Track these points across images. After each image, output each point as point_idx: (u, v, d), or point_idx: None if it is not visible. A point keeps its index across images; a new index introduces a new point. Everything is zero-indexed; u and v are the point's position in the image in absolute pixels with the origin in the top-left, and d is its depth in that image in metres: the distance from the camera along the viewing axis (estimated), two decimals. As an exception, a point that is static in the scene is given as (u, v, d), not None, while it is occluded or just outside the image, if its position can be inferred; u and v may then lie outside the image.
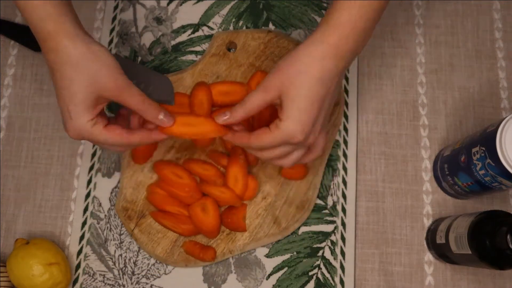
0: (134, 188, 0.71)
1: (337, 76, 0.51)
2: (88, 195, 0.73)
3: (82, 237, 0.71)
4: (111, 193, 0.72)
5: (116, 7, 0.81)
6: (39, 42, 0.51)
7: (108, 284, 0.69)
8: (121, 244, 0.71)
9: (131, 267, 0.70)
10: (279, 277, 0.69)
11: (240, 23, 0.79)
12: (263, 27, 0.79)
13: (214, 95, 0.72)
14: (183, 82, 0.74)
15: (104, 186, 0.73)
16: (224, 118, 0.55)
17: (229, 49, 0.77)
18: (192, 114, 0.70)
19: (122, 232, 0.71)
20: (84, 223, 0.72)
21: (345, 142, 0.74)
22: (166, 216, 0.69)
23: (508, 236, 0.55)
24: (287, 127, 0.51)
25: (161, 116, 0.55)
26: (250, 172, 0.70)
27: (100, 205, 0.72)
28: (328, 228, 0.71)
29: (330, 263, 0.70)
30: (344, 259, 0.70)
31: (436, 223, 0.69)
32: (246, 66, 0.75)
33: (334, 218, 0.71)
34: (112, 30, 0.79)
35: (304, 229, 0.71)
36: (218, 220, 0.68)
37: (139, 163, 0.71)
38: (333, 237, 0.71)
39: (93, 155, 0.74)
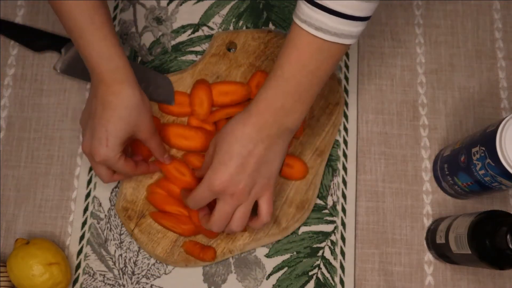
0: (134, 188, 0.71)
1: (261, 142, 0.58)
2: (88, 195, 0.73)
3: (82, 237, 0.71)
4: (111, 193, 0.72)
5: (116, 7, 0.81)
6: (99, 84, 0.60)
7: (108, 284, 0.69)
8: (121, 244, 0.71)
9: (131, 267, 0.70)
10: (279, 277, 0.69)
11: (240, 23, 0.79)
12: (263, 27, 0.79)
13: (214, 95, 0.72)
14: (183, 82, 0.74)
15: (104, 186, 0.73)
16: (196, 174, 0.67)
17: (229, 49, 0.77)
18: (187, 126, 0.72)
19: (122, 232, 0.71)
20: (84, 223, 0.72)
21: (345, 142, 0.74)
22: (166, 216, 0.69)
23: (508, 236, 0.55)
24: (207, 175, 0.59)
25: (165, 156, 0.68)
26: None
27: (100, 205, 0.72)
28: (328, 228, 0.71)
29: (330, 263, 0.70)
30: (344, 259, 0.70)
31: (436, 223, 0.69)
32: (246, 66, 0.75)
33: (334, 218, 0.71)
34: (112, 30, 0.79)
35: (304, 229, 0.71)
36: None
37: None
38: (333, 237, 0.71)
39: (93, 155, 0.74)
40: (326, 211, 0.72)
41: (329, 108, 0.74)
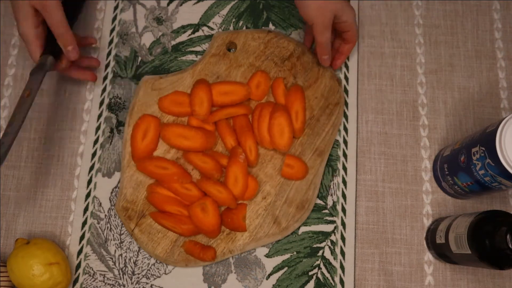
0: (134, 188, 0.71)
1: None
2: (88, 195, 0.73)
3: (82, 237, 0.71)
4: (111, 193, 0.73)
5: (116, 7, 0.81)
6: None
7: (108, 284, 0.69)
8: (121, 244, 0.71)
9: (131, 267, 0.70)
10: (279, 277, 0.69)
11: (240, 23, 0.79)
12: (263, 27, 0.79)
13: (214, 95, 0.72)
14: (183, 82, 0.74)
15: (104, 186, 0.73)
16: (327, 60, 0.72)
17: (229, 49, 0.77)
18: (187, 126, 0.72)
19: (122, 232, 0.71)
20: (84, 223, 0.72)
21: (345, 142, 0.74)
22: (166, 216, 0.69)
23: (508, 236, 0.55)
24: (351, 13, 0.70)
25: (69, 48, 0.65)
26: (250, 173, 0.70)
27: (100, 205, 0.72)
28: (328, 228, 0.71)
29: (330, 263, 0.70)
30: (344, 259, 0.70)
31: (436, 223, 0.69)
32: (246, 66, 0.75)
33: (334, 218, 0.71)
34: (112, 30, 0.80)
35: (304, 229, 0.71)
36: (218, 220, 0.68)
37: None
38: (333, 237, 0.71)
39: (93, 155, 0.74)
40: (326, 211, 0.72)
41: (329, 108, 0.74)
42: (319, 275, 0.69)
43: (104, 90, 0.77)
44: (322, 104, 0.74)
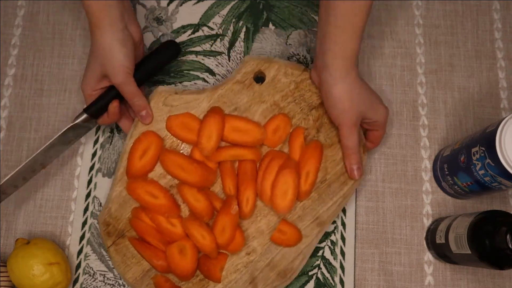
0: (120, 204, 0.67)
1: None
2: (88, 195, 0.73)
3: (82, 237, 0.71)
4: (111, 193, 0.72)
5: (116, 7, 0.80)
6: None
7: (108, 284, 0.69)
8: (121, 244, 0.71)
9: (131, 267, 0.70)
10: (279, 277, 0.69)
11: (240, 23, 0.79)
12: (263, 27, 0.79)
13: (226, 130, 0.67)
14: (198, 104, 0.68)
15: (104, 186, 0.73)
16: (357, 171, 0.66)
17: (256, 79, 0.70)
18: (190, 159, 0.67)
19: (122, 232, 0.71)
20: (84, 223, 0.72)
21: (345, 142, 0.74)
22: (143, 247, 0.65)
23: (508, 236, 0.55)
24: (384, 116, 0.67)
25: (143, 113, 0.68)
26: (241, 224, 0.66)
27: (100, 205, 0.72)
28: (328, 228, 0.71)
29: (330, 263, 0.70)
30: (344, 259, 0.70)
31: (436, 223, 0.69)
32: (269, 104, 0.69)
33: (334, 218, 0.71)
34: (112, 30, 0.79)
35: (304, 229, 0.71)
36: (194, 266, 0.64)
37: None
38: (333, 237, 0.71)
39: (94, 155, 0.74)
40: (326, 211, 0.71)
41: (345, 176, 0.67)
42: (319, 275, 0.69)
43: (104, 90, 0.77)
44: (338, 170, 0.67)
